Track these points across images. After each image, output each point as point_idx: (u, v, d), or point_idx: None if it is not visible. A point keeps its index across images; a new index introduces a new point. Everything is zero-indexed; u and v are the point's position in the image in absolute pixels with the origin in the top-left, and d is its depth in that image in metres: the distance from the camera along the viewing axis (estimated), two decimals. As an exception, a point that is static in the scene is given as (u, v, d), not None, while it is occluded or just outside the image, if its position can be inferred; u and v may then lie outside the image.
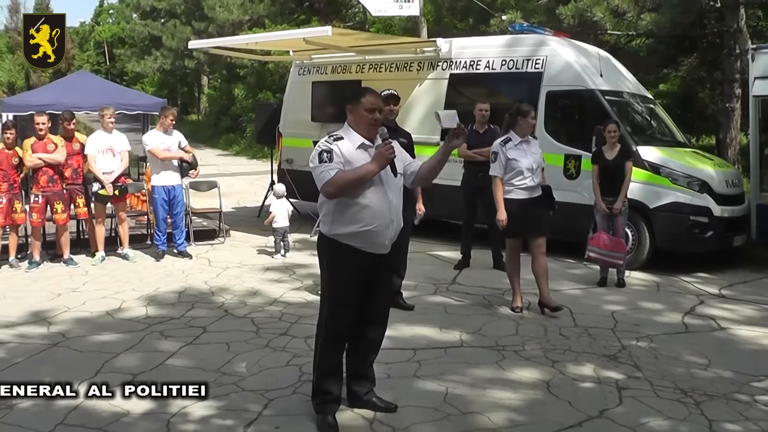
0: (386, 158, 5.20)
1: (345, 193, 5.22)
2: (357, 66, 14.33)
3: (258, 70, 33.26)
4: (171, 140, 11.46)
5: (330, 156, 5.21)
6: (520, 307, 8.70)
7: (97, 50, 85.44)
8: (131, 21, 54.22)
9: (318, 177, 5.24)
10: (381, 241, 5.37)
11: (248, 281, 10.11)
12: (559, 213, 10.12)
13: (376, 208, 5.28)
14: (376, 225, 5.28)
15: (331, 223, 5.38)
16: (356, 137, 5.34)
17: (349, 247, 5.32)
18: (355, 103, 5.38)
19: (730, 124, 16.04)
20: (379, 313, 5.71)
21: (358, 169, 5.21)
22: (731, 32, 15.62)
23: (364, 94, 5.44)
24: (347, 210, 5.28)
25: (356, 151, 5.29)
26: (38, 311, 8.53)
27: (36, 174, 10.73)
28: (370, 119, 5.33)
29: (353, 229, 5.27)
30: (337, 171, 5.17)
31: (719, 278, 10.60)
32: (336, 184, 5.17)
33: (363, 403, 5.70)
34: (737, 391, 6.23)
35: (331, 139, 5.32)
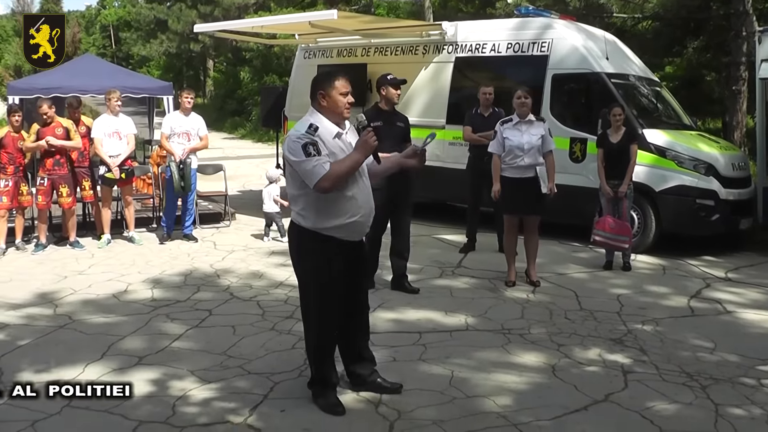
0: (371, 146, 5.11)
1: (339, 186, 5.08)
2: (362, 49, 14.29)
3: (264, 53, 33.26)
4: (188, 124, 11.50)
5: (317, 149, 5.02)
6: (514, 281, 9.04)
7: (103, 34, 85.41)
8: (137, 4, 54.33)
9: (309, 171, 5.00)
10: (363, 229, 5.39)
11: (254, 264, 10.12)
12: (565, 196, 10.15)
13: (360, 198, 5.24)
14: (361, 215, 5.25)
15: (315, 217, 5.20)
16: (330, 126, 5.19)
17: (332, 239, 5.22)
18: (328, 87, 5.20)
19: (736, 107, 15.99)
20: (364, 298, 5.75)
21: (346, 160, 5.10)
22: (738, 14, 15.55)
23: (337, 77, 5.25)
24: (334, 202, 5.15)
25: (332, 141, 5.15)
26: (44, 293, 8.56)
27: (42, 157, 10.73)
28: (344, 103, 5.20)
29: (340, 222, 5.18)
30: (331, 163, 5.02)
31: (725, 261, 10.58)
32: (332, 179, 4.99)
33: (368, 385, 5.71)
34: (743, 374, 6.22)
35: (312, 130, 5.09)
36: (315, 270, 5.34)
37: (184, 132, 11.43)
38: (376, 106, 8.93)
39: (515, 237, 9.16)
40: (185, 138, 11.42)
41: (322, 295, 5.35)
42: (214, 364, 6.29)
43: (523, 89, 9.01)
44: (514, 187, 8.86)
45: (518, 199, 8.89)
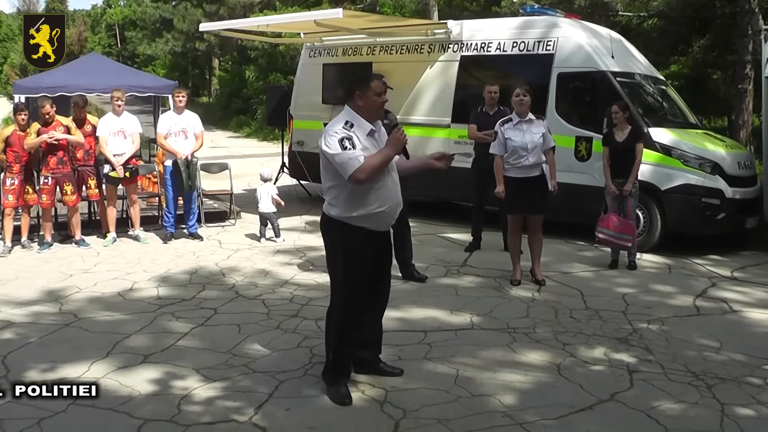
0: (402, 142, 5.42)
1: (374, 179, 5.36)
2: (368, 48, 14.29)
3: (269, 52, 33.23)
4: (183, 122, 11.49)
5: (352, 143, 5.29)
6: (519, 280, 9.06)
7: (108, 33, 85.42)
8: (142, 3, 54.30)
9: (345, 164, 5.27)
10: (390, 220, 5.64)
11: (259, 263, 10.12)
12: (571, 195, 10.15)
13: (389, 190, 5.51)
14: (389, 205, 5.50)
15: (344, 206, 5.47)
16: (365, 124, 5.46)
17: (361, 228, 5.47)
18: (364, 88, 5.47)
19: (742, 106, 15.95)
20: (386, 286, 5.97)
21: (378, 155, 5.38)
22: (743, 13, 15.51)
23: (372, 79, 5.56)
24: (366, 193, 5.41)
25: (366, 138, 5.44)
26: (50, 291, 8.58)
27: (45, 156, 10.74)
28: (380, 103, 5.50)
29: (369, 211, 5.43)
30: (365, 157, 5.29)
31: (731, 260, 10.56)
32: (367, 171, 5.26)
33: (370, 368, 5.97)
34: (749, 374, 6.21)
35: (348, 126, 5.39)
36: (346, 257, 5.57)
37: (181, 130, 11.42)
38: None
39: (520, 236, 9.17)
40: (182, 136, 11.41)
41: (350, 283, 5.58)
42: (219, 363, 6.30)
43: (521, 87, 9.01)
44: (518, 186, 8.87)
45: (522, 198, 8.90)
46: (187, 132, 11.44)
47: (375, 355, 6.04)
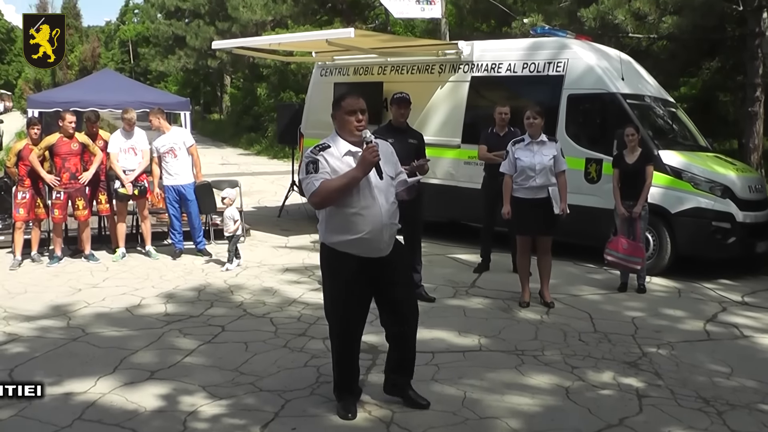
0: (370, 162, 5.14)
1: (331, 202, 5.25)
2: (379, 68, 14.33)
3: (281, 69, 33.32)
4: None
5: (315, 167, 5.19)
6: (528, 302, 9.03)
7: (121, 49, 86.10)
8: (156, 20, 54.57)
9: (305, 188, 5.29)
10: (376, 246, 5.38)
11: (267, 281, 10.11)
12: (580, 217, 10.13)
13: (367, 215, 5.27)
14: (368, 232, 5.28)
15: (325, 231, 5.44)
16: (342, 144, 5.34)
17: (346, 254, 5.36)
18: (336, 108, 5.38)
19: (752, 129, 15.90)
20: (403, 308, 5.66)
21: (342, 176, 5.19)
22: (753, 35, 15.50)
23: (344, 97, 5.40)
24: (338, 218, 5.31)
25: (343, 159, 5.28)
26: (58, 306, 8.59)
27: (60, 171, 10.76)
28: (351, 121, 5.31)
29: (347, 238, 5.30)
30: (322, 181, 5.16)
31: (742, 285, 10.50)
32: (320, 194, 5.17)
33: (398, 392, 5.82)
34: (760, 401, 6.17)
35: (317, 149, 5.30)
36: (332, 285, 5.56)
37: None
38: (389, 124, 9.00)
39: (528, 257, 9.14)
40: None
41: (337, 309, 5.55)
42: (226, 381, 6.28)
43: (533, 109, 9.00)
44: (526, 207, 8.85)
45: (530, 219, 8.88)
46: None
47: (406, 380, 5.84)
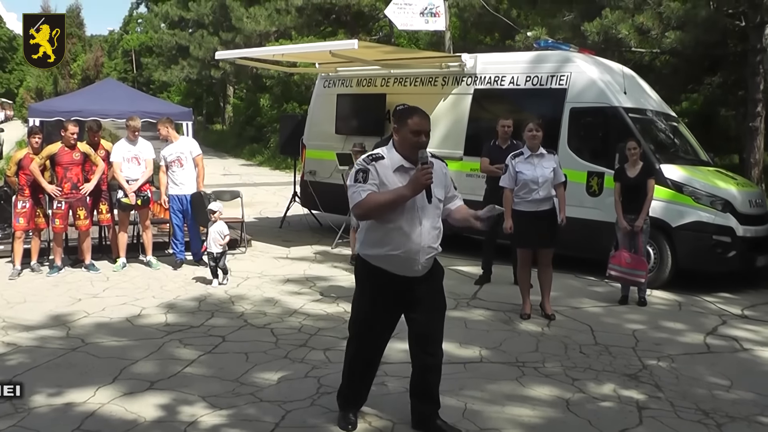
0: (421, 184, 5.00)
1: (374, 216, 5.14)
2: (382, 79, 14.36)
3: (284, 80, 33.38)
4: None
5: (365, 176, 5.07)
6: (529, 314, 9.04)
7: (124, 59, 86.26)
8: (159, 30, 54.63)
9: (350, 197, 5.11)
10: (410, 266, 5.21)
11: (268, 291, 10.11)
12: (582, 230, 10.13)
13: (406, 233, 5.13)
14: (403, 250, 5.14)
15: (363, 242, 5.36)
16: (396, 158, 5.19)
17: (378, 269, 5.25)
18: (401, 123, 5.21)
19: (753, 144, 15.90)
20: (427, 334, 5.48)
21: (390, 192, 5.07)
22: (755, 51, 15.53)
23: (412, 115, 5.22)
24: (376, 232, 5.21)
25: (394, 174, 5.14)
26: (58, 315, 8.58)
27: (61, 180, 10.77)
28: (414, 142, 5.14)
29: (380, 252, 5.20)
30: (369, 193, 5.03)
31: (742, 299, 10.51)
32: (365, 207, 5.06)
33: (427, 426, 5.55)
34: (760, 413, 6.17)
35: (369, 159, 5.17)
36: (360, 296, 5.50)
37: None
38: (392, 136, 8.98)
39: (529, 270, 9.15)
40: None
41: (361, 320, 5.51)
42: (226, 391, 6.28)
43: (534, 122, 9.01)
44: (528, 220, 8.84)
45: (531, 232, 8.89)
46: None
47: (434, 410, 5.58)
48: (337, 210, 14.53)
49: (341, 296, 9.74)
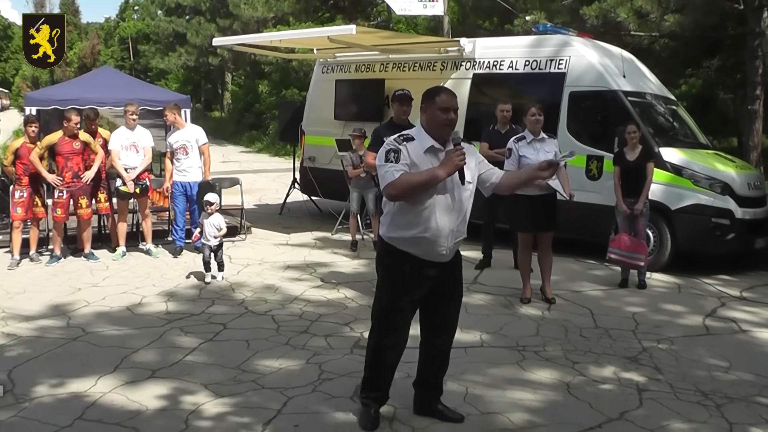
0: (455, 165, 4.96)
1: (407, 197, 5.02)
2: (380, 65, 14.34)
3: (282, 67, 33.32)
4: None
5: (397, 156, 4.99)
6: (529, 298, 9.07)
7: (121, 46, 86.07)
8: (156, 17, 54.61)
9: (382, 176, 5.04)
10: (437, 250, 5.17)
11: (269, 278, 10.12)
12: (581, 214, 10.13)
13: (437, 216, 5.08)
14: (432, 233, 5.09)
15: (389, 224, 5.22)
16: (427, 139, 5.11)
17: (406, 253, 5.16)
18: (428, 102, 5.14)
19: (752, 127, 15.92)
20: (444, 322, 5.50)
21: (424, 173, 4.99)
22: (754, 35, 15.51)
23: (439, 93, 5.17)
24: (406, 214, 5.10)
25: (424, 155, 5.07)
26: (58, 305, 8.59)
27: (62, 170, 10.76)
28: (444, 119, 5.07)
29: (408, 234, 5.10)
30: (402, 173, 4.95)
31: (740, 280, 10.53)
32: (399, 187, 4.96)
33: (430, 412, 5.56)
34: (758, 394, 6.19)
35: (401, 139, 5.09)
36: (385, 284, 5.35)
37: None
38: (390, 121, 9.01)
39: (530, 254, 9.16)
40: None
41: (387, 310, 5.32)
42: (228, 379, 6.29)
43: (536, 106, 9.01)
44: (530, 204, 8.81)
45: (533, 216, 8.89)
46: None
47: (436, 396, 5.62)
48: (337, 196, 14.53)
49: (342, 282, 9.76)
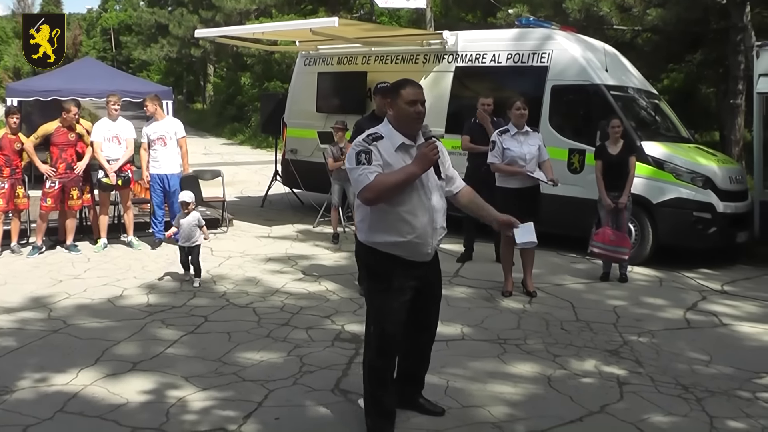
0: (429, 159, 4.79)
1: (384, 199, 4.79)
2: (363, 57, 14.32)
3: (265, 59, 33.24)
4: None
5: (368, 157, 4.76)
6: (510, 291, 9.08)
7: (103, 37, 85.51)
8: (138, 8, 54.32)
9: (356, 180, 4.80)
10: (423, 250, 5.02)
11: (250, 271, 10.10)
12: (563, 207, 10.16)
13: (417, 216, 4.89)
14: (416, 234, 4.90)
15: (368, 230, 4.99)
16: (397, 136, 4.89)
17: (390, 256, 4.94)
18: (394, 96, 4.94)
19: (734, 121, 15.98)
20: (430, 320, 5.41)
21: (399, 172, 4.79)
22: (736, 29, 15.56)
23: (404, 85, 4.94)
24: (385, 218, 4.88)
25: (396, 153, 4.86)
26: (39, 297, 8.54)
27: (56, 161, 10.73)
28: (412, 113, 4.87)
29: (394, 239, 4.89)
30: (377, 174, 4.73)
31: (722, 274, 10.58)
32: (375, 190, 4.73)
33: (410, 405, 5.50)
34: (738, 387, 6.22)
35: (370, 139, 4.85)
36: (378, 289, 5.06)
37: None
38: (372, 114, 9.00)
39: (512, 247, 9.14)
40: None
41: (381, 319, 5.06)
42: (209, 371, 6.28)
43: (521, 100, 9.01)
44: (513, 197, 8.81)
45: (515, 208, 8.84)
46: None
47: (417, 390, 5.54)
48: (319, 188, 14.52)
49: (323, 275, 9.75)
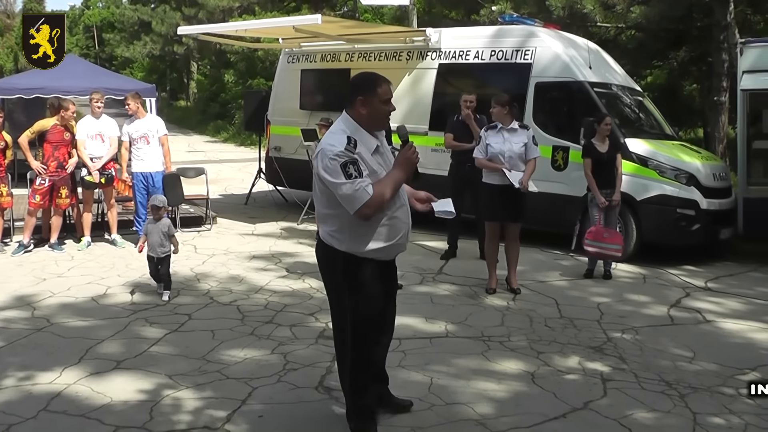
0: (413, 163, 4.69)
1: (382, 211, 4.64)
2: (346, 54, 14.30)
3: (248, 56, 33.17)
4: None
5: (357, 168, 4.47)
6: (494, 288, 9.06)
7: (86, 34, 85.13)
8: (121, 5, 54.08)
9: (351, 197, 4.48)
10: (401, 249, 4.98)
11: (234, 269, 10.08)
12: (547, 204, 10.18)
13: (400, 218, 4.81)
14: (400, 237, 4.83)
15: (351, 240, 4.73)
16: (369, 139, 4.69)
17: (371, 261, 4.79)
18: (369, 93, 4.67)
19: (718, 118, 16.05)
20: (391, 318, 5.35)
21: (388, 181, 4.60)
22: (720, 27, 15.63)
23: (380, 83, 4.72)
24: (373, 226, 4.69)
25: (372, 157, 4.66)
26: (22, 296, 8.50)
27: (48, 159, 10.71)
28: (387, 112, 4.75)
29: (379, 245, 4.74)
30: (373, 188, 4.51)
31: (706, 271, 10.62)
32: (375, 205, 4.52)
33: (386, 403, 5.44)
34: (722, 384, 6.25)
35: (351, 146, 4.53)
36: (358, 293, 4.83)
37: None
38: None
39: (497, 244, 9.17)
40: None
41: (367, 321, 4.93)
42: (193, 369, 6.26)
43: (494, 98, 9.00)
44: (495, 193, 8.83)
45: (499, 206, 8.88)
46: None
47: (385, 386, 5.47)
48: (303, 186, 14.46)
49: (307, 272, 9.73)
